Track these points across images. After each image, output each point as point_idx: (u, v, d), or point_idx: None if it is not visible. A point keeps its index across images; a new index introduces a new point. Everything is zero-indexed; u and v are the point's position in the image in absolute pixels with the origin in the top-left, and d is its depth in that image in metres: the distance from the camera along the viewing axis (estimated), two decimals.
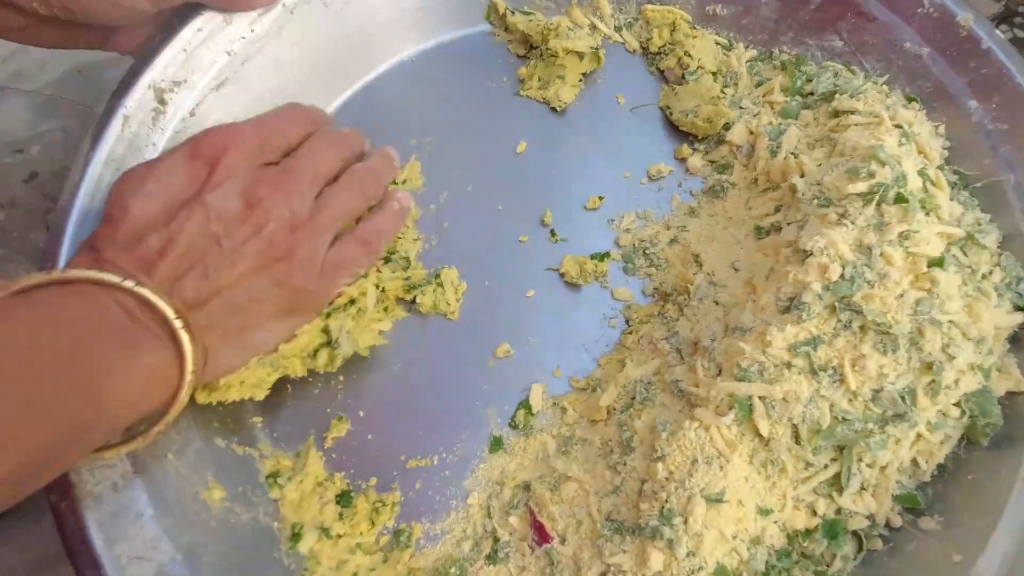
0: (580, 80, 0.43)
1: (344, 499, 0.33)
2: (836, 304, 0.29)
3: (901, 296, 0.29)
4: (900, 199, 0.30)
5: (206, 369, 0.28)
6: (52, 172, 0.43)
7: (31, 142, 0.43)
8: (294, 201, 0.29)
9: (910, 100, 0.38)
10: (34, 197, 0.42)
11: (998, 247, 0.33)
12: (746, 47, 0.43)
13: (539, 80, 0.43)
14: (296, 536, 0.32)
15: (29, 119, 0.44)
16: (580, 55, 0.42)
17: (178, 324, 0.26)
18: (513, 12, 0.44)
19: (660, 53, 0.44)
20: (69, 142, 0.44)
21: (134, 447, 0.27)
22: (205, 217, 0.27)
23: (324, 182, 0.32)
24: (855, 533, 0.31)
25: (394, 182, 0.38)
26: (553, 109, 0.42)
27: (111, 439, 0.26)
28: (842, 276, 0.29)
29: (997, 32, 0.35)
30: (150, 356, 0.25)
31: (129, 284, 0.25)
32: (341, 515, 0.33)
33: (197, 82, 0.36)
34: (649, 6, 0.44)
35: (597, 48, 0.42)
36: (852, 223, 0.30)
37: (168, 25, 0.36)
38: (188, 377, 0.26)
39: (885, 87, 0.38)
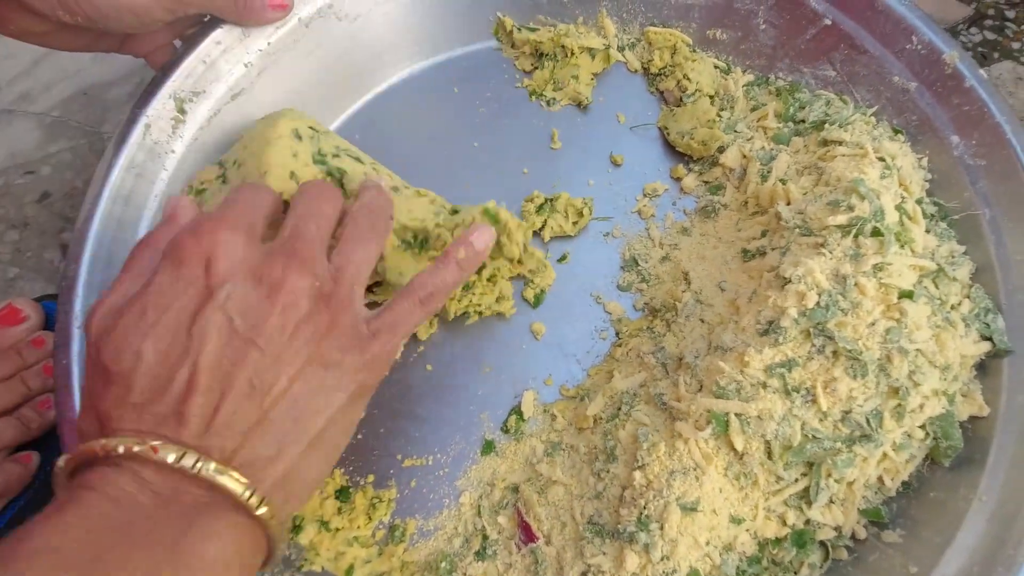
0: (592, 79, 0.45)
1: (343, 495, 0.35)
2: (811, 329, 0.31)
3: (872, 324, 0.31)
4: (876, 233, 0.32)
5: (290, 501, 0.24)
6: (63, 192, 0.44)
7: (41, 163, 0.44)
8: (317, 268, 0.25)
9: (896, 132, 0.39)
10: (46, 217, 0.43)
11: (970, 278, 0.35)
12: (744, 71, 0.45)
13: (553, 84, 0.45)
14: (297, 528, 0.34)
15: (38, 140, 0.45)
16: (592, 53, 0.44)
17: (247, 495, 0.21)
18: (520, 29, 0.45)
19: (660, 74, 0.45)
20: (79, 162, 0.45)
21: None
22: (227, 322, 0.23)
23: (329, 237, 0.27)
24: (822, 543, 0.33)
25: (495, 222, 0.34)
26: (551, 133, 0.44)
27: None
28: (818, 304, 0.31)
29: (980, 71, 0.37)
30: (217, 542, 0.21)
31: (170, 459, 0.21)
32: (340, 510, 0.35)
33: (215, 92, 0.38)
34: (652, 28, 0.45)
35: (607, 47, 0.44)
36: (830, 253, 0.32)
37: (191, 37, 0.38)
38: (275, 544, 0.22)
39: (873, 118, 0.40)
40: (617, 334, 0.39)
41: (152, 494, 0.21)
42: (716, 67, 0.44)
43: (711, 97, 0.44)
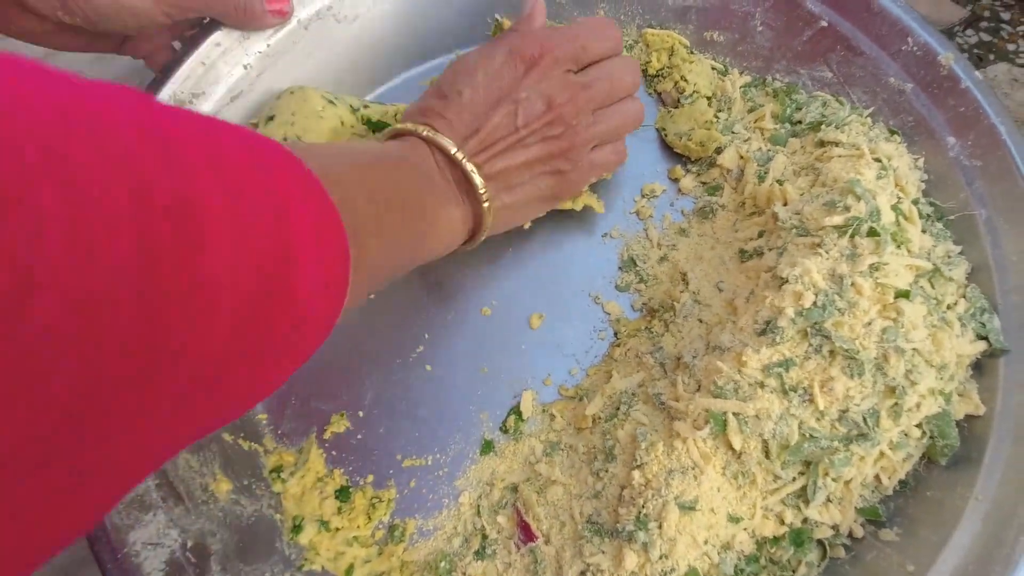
0: None
1: (343, 494, 0.36)
2: (808, 329, 0.31)
3: (869, 324, 0.31)
4: (873, 233, 0.32)
5: (499, 215, 0.34)
6: None
7: None
8: (583, 115, 0.34)
9: (892, 133, 0.40)
10: None
11: (966, 278, 0.35)
12: (741, 73, 0.45)
13: None
14: (297, 528, 0.34)
15: None
16: None
17: (484, 196, 0.32)
18: None
19: (658, 76, 0.45)
20: None
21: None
22: (514, 111, 0.33)
23: (611, 103, 0.36)
24: (820, 542, 0.33)
25: None
26: None
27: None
28: (815, 303, 0.31)
29: (976, 73, 0.37)
30: (456, 211, 0.32)
31: (459, 156, 0.31)
32: (340, 509, 0.35)
33: (214, 94, 0.38)
34: (649, 30, 0.45)
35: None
36: (827, 253, 0.32)
37: (190, 39, 0.38)
38: (481, 236, 0.33)
39: (869, 119, 0.40)
40: (615, 334, 0.40)
41: (435, 164, 0.32)
42: (713, 68, 0.45)
43: (708, 98, 0.44)
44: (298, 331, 0.19)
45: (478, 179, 0.32)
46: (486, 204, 0.32)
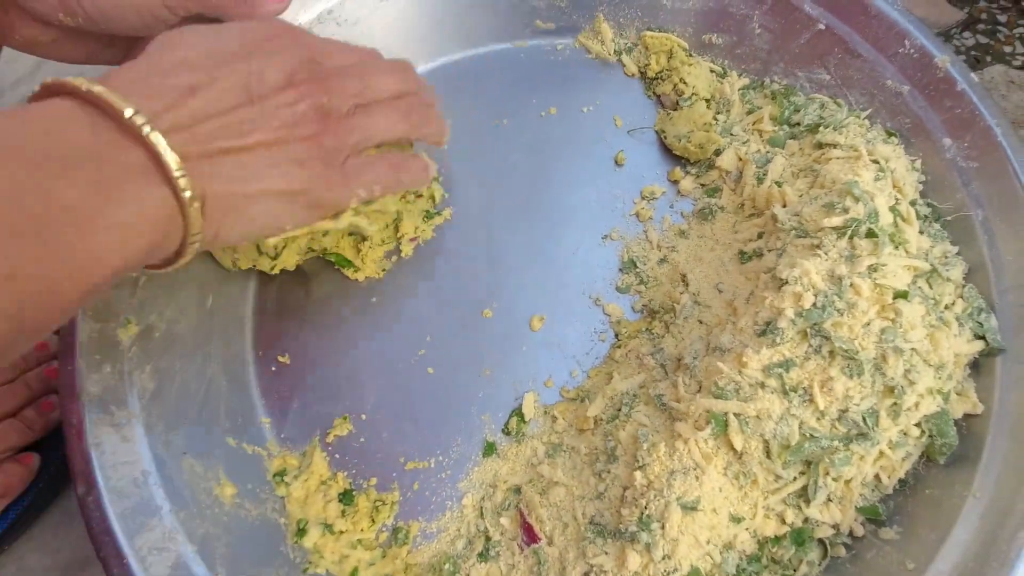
0: None
1: (346, 497, 0.36)
2: (808, 330, 0.31)
3: (868, 324, 0.31)
4: (871, 234, 0.32)
5: (223, 220, 0.26)
6: None
7: None
8: (333, 97, 0.28)
9: (890, 134, 0.40)
10: None
11: (963, 279, 0.36)
12: (739, 75, 0.45)
13: None
14: (301, 531, 0.34)
15: None
16: None
17: (183, 183, 0.23)
18: None
19: (657, 78, 0.46)
20: None
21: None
22: (247, 75, 0.26)
23: (370, 100, 0.30)
24: (820, 541, 0.33)
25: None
26: (548, 136, 0.44)
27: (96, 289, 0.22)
28: (814, 304, 0.31)
29: (972, 75, 0.38)
30: (129, 211, 0.22)
31: (138, 120, 0.22)
32: (343, 512, 0.35)
33: None
34: (648, 33, 0.46)
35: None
36: (826, 254, 0.33)
37: None
38: (192, 245, 0.24)
39: (867, 121, 0.40)
40: (616, 336, 0.40)
41: (96, 140, 0.22)
42: (712, 71, 0.45)
43: (707, 101, 0.44)
44: None
45: (171, 156, 0.23)
46: (186, 193, 0.23)
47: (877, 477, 0.33)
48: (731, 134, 0.43)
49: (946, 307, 0.34)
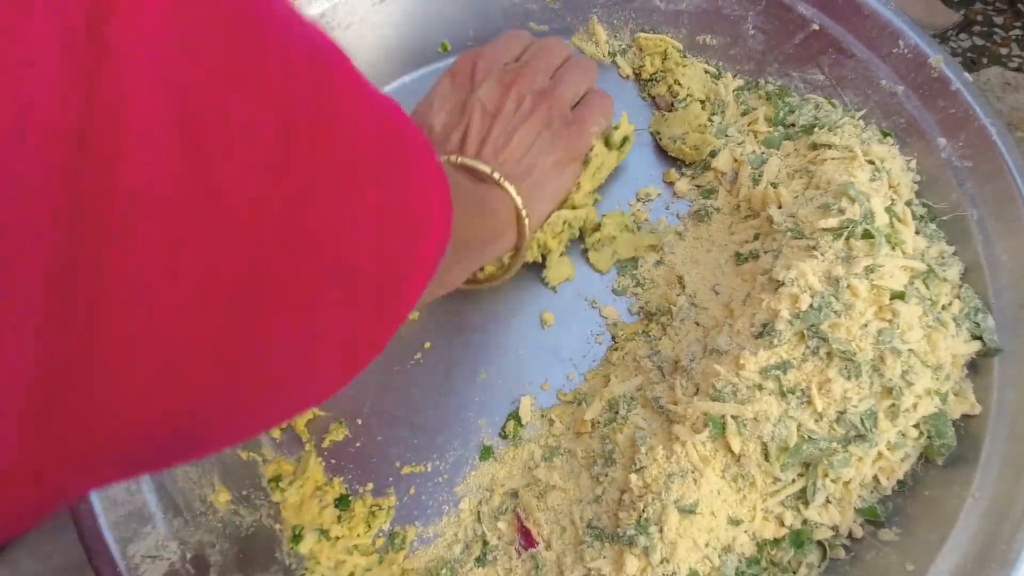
0: None
1: (342, 503, 0.35)
2: (805, 332, 0.31)
3: (865, 326, 0.31)
4: (867, 235, 0.32)
5: (535, 206, 0.36)
6: None
7: None
8: (536, 78, 0.37)
9: (885, 134, 0.40)
10: None
11: (960, 279, 0.36)
12: (734, 76, 0.45)
13: None
14: (297, 537, 0.34)
15: None
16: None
17: (496, 176, 0.34)
18: None
19: (652, 80, 0.46)
20: None
21: (506, 277, 0.37)
22: (482, 107, 0.35)
23: (552, 69, 0.39)
24: (820, 543, 0.33)
25: None
26: None
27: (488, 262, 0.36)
28: (811, 306, 0.31)
29: (965, 75, 0.38)
30: (498, 201, 0.34)
31: (456, 159, 0.34)
32: (339, 518, 0.35)
33: None
34: (642, 34, 0.46)
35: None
36: (822, 255, 0.32)
37: None
38: (523, 212, 0.34)
39: (862, 121, 0.40)
40: (613, 338, 0.40)
41: (469, 177, 0.34)
42: (706, 72, 0.45)
43: (702, 102, 0.44)
44: (403, 288, 0.21)
45: (483, 166, 0.33)
46: (507, 184, 0.34)
47: (876, 478, 0.33)
48: (726, 135, 0.43)
49: (943, 307, 0.34)
